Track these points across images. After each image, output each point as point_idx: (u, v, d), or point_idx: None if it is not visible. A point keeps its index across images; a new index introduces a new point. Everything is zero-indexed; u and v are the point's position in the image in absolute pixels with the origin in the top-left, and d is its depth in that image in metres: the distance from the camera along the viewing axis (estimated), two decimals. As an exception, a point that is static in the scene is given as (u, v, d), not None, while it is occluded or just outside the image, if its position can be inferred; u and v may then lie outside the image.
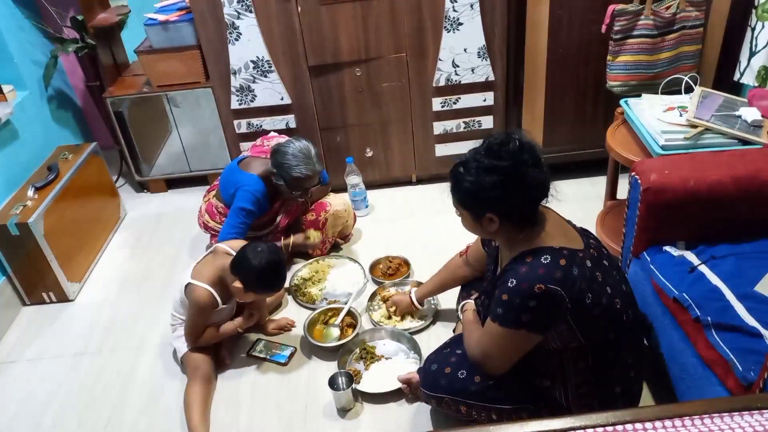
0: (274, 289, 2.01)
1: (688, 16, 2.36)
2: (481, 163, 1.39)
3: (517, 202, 1.40)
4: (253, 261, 1.87)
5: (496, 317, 1.43)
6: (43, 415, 2.03)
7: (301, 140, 2.27)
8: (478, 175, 1.39)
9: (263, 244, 1.95)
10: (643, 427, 0.93)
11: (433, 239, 2.65)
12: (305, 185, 2.27)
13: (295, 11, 2.54)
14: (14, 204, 2.44)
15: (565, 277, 1.36)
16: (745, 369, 1.37)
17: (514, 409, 1.56)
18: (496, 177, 1.37)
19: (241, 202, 2.27)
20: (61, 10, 3.00)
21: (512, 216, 1.43)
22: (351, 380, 1.91)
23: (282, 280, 1.99)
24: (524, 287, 1.36)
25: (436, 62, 2.69)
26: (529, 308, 1.37)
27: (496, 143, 1.40)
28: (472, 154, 1.43)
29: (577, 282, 1.37)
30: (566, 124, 2.79)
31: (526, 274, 1.37)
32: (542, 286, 1.35)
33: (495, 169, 1.37)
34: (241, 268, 1.91)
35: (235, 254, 1.96)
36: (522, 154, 1.38)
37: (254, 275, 1.89)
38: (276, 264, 1.92)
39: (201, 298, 1.95)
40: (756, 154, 1.80)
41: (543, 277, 1.35)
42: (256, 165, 2.36)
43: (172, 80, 2.86)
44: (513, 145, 1.38)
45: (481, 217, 1.44)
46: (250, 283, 1.91)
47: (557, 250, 1.40)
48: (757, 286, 1.58)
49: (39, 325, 2.44)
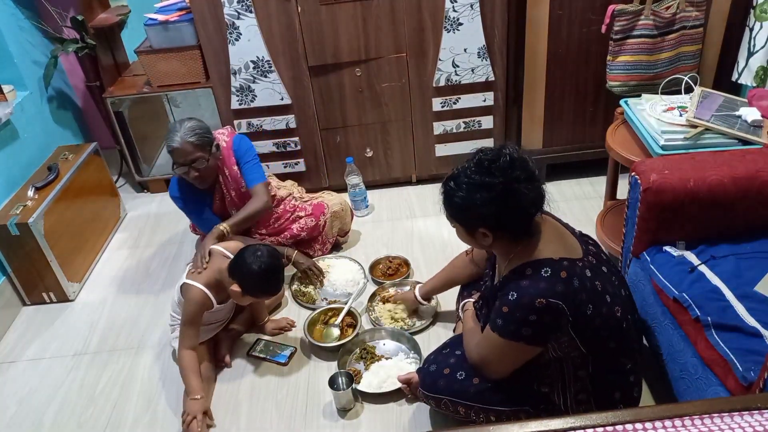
0: (273, 293, 2.01)
1: (688, 16, 2.36)
2: (471, 179, 1.36)
3: (510, 218, 1.38)
4: (252, 265, 1.87)
5: (496, 328, 1.43)
6: (43, 415, 2.03)
7: (192, 120, 2.19)
8: (468, 191, 1.37)
9: (262, 247, 1.94)
10: (643, 427, 0.93)
11: (433, 239, 2.65)
12: (173, 158, 2.18)
13: (295, 11, 2.54)
14: (14, 204, 2.44)
15: (566, 290, 1.35)
16: (745, 369, 1.37)
17: (513, 411, 1.56)
18: (486, 194, 1.35)
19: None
20: (61, 10, 3.00)
21: (506, 231, 1.41)
22: (351, 380, 1.91)
23: (280, 283, 1.99)
24: (525, 301, 1.35)
25: (436, 62, 2.69)
26: (530, 322, 1.36)
27: (486, 159, 1.36)
28: (462, 169, 1.40)
29: (579, 294, 1.36)
30: (566, 124, 2.79)
31: (527, 288, 1.36)
32: (543, 300, 1.34)
33: (486, 185, 1.34)
34: (239, 272, 1.90)
35: (232, 258, 1.96)
36: (513, 171, 1.34)
37: (253, 280, 1.89)
38: (274, 268, 1.92)
39: (195, 297, 1.95)
40: (756, 154, 1.80)
41: (544, 292, 1.34)
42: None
43: (172, 80, 2.86)
44: (504, 161, 1.34)
45: (475, 232, 1.43)
46: (248, 287, 1.91)
47: (557, 262, 1.38)
48: (757, 286, 1.58)
49: (39, 325, 2.44)
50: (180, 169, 2.18)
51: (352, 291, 2.33)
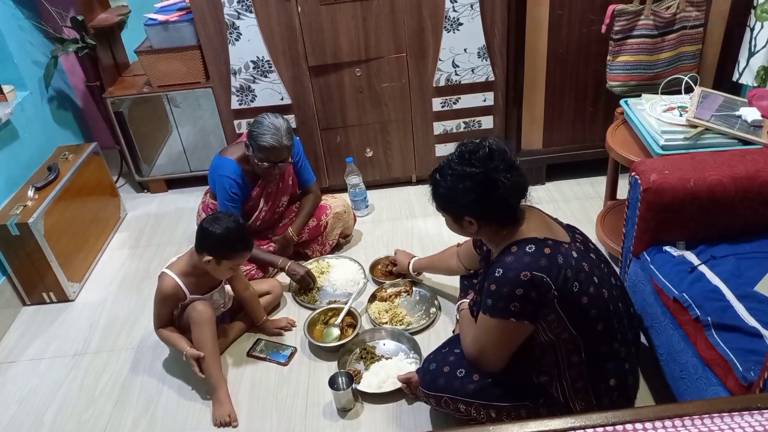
0: (242, 251, 1.99)
1: (688, 17, 2.36)
2: (454, 170, 1.46)
3: (492, 205, 1.45)
4: (214, 230, 1.91)
5: (486, 309, 1.46)
6: (43, 415, 2.03)
7: (278, 116, 2.25)
8: (452, 181, 1.46)
9: (218, 213, 2.00)
10: (643, 427, 0.93)
11: (433, 239, 2.66)
12: (271, 157, 2.22)
13: (295, 11, 2.54)
14: (14, 204, 2.44)
15: (550, 264, 1.39)
16: (745, 369, 1.37)
17: (513, 407, 1.57)
18: (468, 183, 1.44)
19: (221, 195, 2.30)
20: (61, 10, 3.00)
21: (491, 218, 1.48)
22: (351, 380, 1.91)
23: (247, 240, 2.00)
24: (511, 276, 1.40)
25: (436, 62, 2.69)
26: (517, 296, 1.39)
27: (467, 151, 1.46)
28: (446, 162, 1.50)
29: (563, 270, 1.40)
30: (566, 124, 2.80)
31: (512, 263, 1.41)
32: (528, 273, 1.38)
33: (467, 176, 1.44)
34: (203, 241, 1.94)
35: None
36: (492, 161, 1.42)
37: (217, 242, 1.92)
38: (235, 224, 1.95)
39: (163, 287, 1.99)
40: (756, 154, 1.80)
41: (529, 265, 1.39)
42: (232, 149, 2.36)
43: (172, 80, 2.86)
44: (483, 153, 1.44)
45: (461, 220, 1.51)
46: (216, 251, 1.93)
47: (542, 240, 1.44)
48: (757, 286, 1.58)
49: (39, 325, 2.44)
50: (267, 164, 2.24)
51: (352, 291, 2.34)
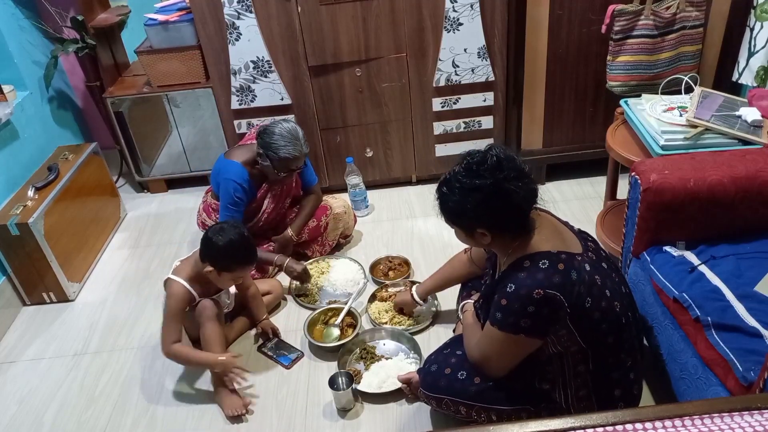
0: (245, 264, 1.98)
1: (688, 17, 2.36)
2: (462, 183, 1.39)
3: (504, 216, 1.40)
4: (217, 241, 1.88)
5: (495, 321, 1.43)
6: (43, 415, 2.03)
7: (289, 122, 2.26)
8: (461, 195, 1.39)
9: (224, 223, 1.96)
10: (643, 427, 0.93)
11: (433, 239, 2.66)
12: (292, 166, 2.25)
13: (295, 11, 2.54)
14: (14, 204, 2.44)
15: (563, 282, 1.36)
16: (745, 369, 1.37)
17: (514, 410, 1.56)
18: (478, 195, 1.37)
19: (224, 197, 2.29)
20: (61, 10, 3.00)
21: (503, 228, 1.43)
22: (351, 380, 1.91)
23: (251, 253, 1.98)
24: (523, 293, 1.36)
25: (436, 62, 2.69)
26: (528, 313, 1.37)
27: (474, 162, 1.39)
28: (452, 174, 1.42)
29: (576, 286, 1.37)
30: (566, 124, 2.79)
31: (525, 279, 1.37)
32: (541, 291, 1.35)
33: (476, 188, 1.37)
34: (207, 251, 1.92)
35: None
36: (502, 171, 1.36)
37: (221, 254, 1.90)
38: (240, 237, 1.92)
39: (176, 293, 1.96)
40: (756, 154, 1.80)
41: (542, 282, 1.35)
42: (239, 152, 2.35)
43: (172, 80, 2.86)
44: (491, 162, 1.37)
45: (473, 232, 1.45)
46: (219, 263, 1.91)
47: (555, 255, 1.39)
48: (757, 286, 1.58)
49: (39, 325, 2.44)
50: (286, 173, 2.28)
51: (352, 291, 2.33)
